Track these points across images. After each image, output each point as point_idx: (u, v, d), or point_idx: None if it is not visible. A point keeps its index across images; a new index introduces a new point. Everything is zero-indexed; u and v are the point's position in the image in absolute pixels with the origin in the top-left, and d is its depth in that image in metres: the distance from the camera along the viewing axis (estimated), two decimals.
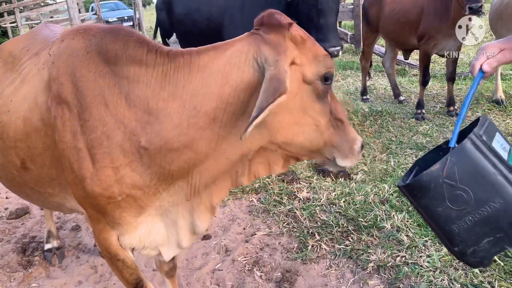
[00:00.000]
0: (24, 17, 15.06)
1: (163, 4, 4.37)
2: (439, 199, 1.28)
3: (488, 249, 1.28)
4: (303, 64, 1.42)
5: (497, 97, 5.10)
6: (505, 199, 1.22)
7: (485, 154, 1.24)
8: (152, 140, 1.46)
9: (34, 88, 1.69)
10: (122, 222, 1.61)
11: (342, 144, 1.51)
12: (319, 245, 2.79)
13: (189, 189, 1.60)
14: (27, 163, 1.74)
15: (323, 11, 3.04)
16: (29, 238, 3.29)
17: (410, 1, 5.06)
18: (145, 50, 1.52)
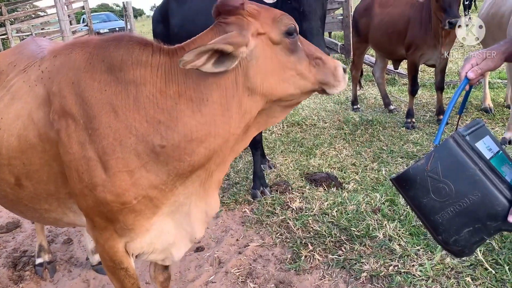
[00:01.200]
0: (15, 29, 15.02)
1: (160, 16, 4.33)
2: (424, 191, 1.40)
3: (468, 239, 1.39)
4: (267, 30, 1.56)
5: (485, 106, 5.18)
6: (482, 192, 1.33)
7: (465, 151, 1.35)
8: (169, 137, 1.51)
9: (27, 105, 1.70)
10: (135, 226, 1.63)
11: (327, 76, 1.64)
12: (312, 255, 2.80)
13: (205, 175, 1.67)
14: (22, 180, 1.74)
15: (306, 15, 2.84)
16: (20, 252, 3.25)
17: (397, 12, 5.15)
18: (150, 51, 1.58)
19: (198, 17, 3.76)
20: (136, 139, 1.52)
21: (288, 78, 1.59)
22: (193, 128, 1.52)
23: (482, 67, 1.53)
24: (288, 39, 1.57)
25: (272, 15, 1.59)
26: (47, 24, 17.25)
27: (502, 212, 1.31)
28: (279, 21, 1.57)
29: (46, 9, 16.85)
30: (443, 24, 4.21)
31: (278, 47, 1.57)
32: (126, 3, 15.13)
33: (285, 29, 1.56)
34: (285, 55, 1.58)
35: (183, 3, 4.06)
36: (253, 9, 1.56)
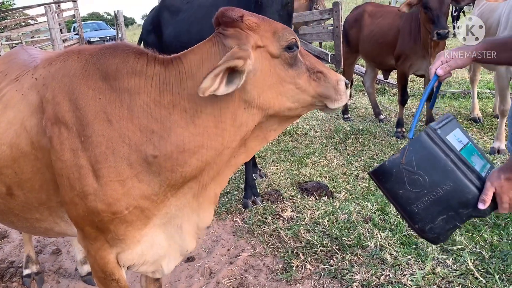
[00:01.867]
0: (5, 37, 14.92)
1: (151, 26, 4.31)
2: (400, 183, 1.47)
3: (443, 226, 1.47)
4: (266, 44, 1.54)
5: (474, 116, 5.24)
6: (454, 182, 1.41)
7: (437, 144, 1.43)
8: (162, 147, 1.50)
9: (20, 113, 1.69)
10: (126, 237, 1.61)
11: (328, 90, 1.62)
12: (304, 265, 2.79)
13: (198, 186, 1.65)
14: (13, 189, 1.72)
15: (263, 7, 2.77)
16: (7, 263, 3.20)
17: (387, 22, 5.21)
18: (145, 60, 1.58)
19: (192, 27, 3.76)
20: (129, 148, 1.51)
21: (286, 92, 1.58)
22: (186, 139, 1.51)
23: (451, 65, 1.63)
24: (288, 53, 1.56)
25: (272, 28, 1.58)
26: (37, 33, 17.17)
27: (473, 200, 1.40)
28: (280, 36, 1.56)
29: (36, 17, 16.77)
30: (432, 35, 4.27)
31: (277, 60, 1.56)
32: (117, 12, 15.13)
33: (286, 44, 1.55)
34: (283, 69, 1.57)
35: (177, 14, 4.05)
36: (252, 21, 1.55)
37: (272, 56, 1.56)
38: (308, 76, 1.60)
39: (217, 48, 1.55)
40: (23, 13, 19.03)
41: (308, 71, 1.60)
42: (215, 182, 1.69)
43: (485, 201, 1.38)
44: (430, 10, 4.27)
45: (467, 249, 2.69)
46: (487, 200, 1.38)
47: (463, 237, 2.80)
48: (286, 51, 1.55)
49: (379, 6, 5.90)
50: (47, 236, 2.05)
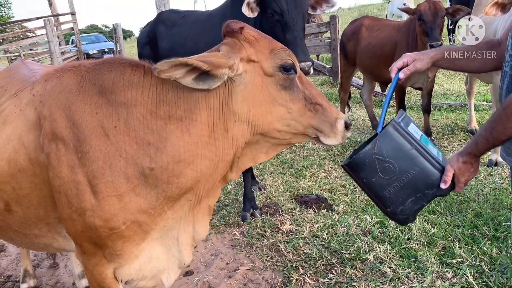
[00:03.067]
0: (3, 50, 14.97)
1: (147, 38, 4.36)
2: (373, 172, 1.63)
3: (412, 207, 1.65)
4: (260, 60, 1.56)
5: (471, 128, 5.26)
6: (420, 167, 1.60)
7: (403, 135, 1.61)
8: (158, 158, 1.51)
9: (18, 129, 1.69)
10: (124, 252, 1.61)
11: (323, 124, 1.63)
12: (303, 279, 2.78)
13: (195, 199, 1.66)
14: (11, 205, 1.72)
15: (289, 26, 2.91)
16: (4, 277, 3.18)
17: (385, 35, 5.26)
18: (142, 72, 1.59)
19: (187, 41, 3.79)
20: (126, 162, 1.51)
21: (277, 113, 1.58)
22: (181, 149, 1.52)
23: (411, 68, 1.74)
24: (283, 74, 1.57)
25: (271, 46, 1.59)
26: (36, 45, 17.24)
27: (437, 181, 1.60)
28: (276, 54, 1.57)
29: (35, 30, 16.86)
30: (426, 47, 4.32)
31: (270, 79, 1.57)
32: (116, 24, 15.21)
33: (280, 63, 1.56)
34: (276, 89, 1.57)
35: (172, 27, 4.09)
36: (251, 35, 1.58)
37: (265, 73, 1.57)
38: (303, 104, 1.60)
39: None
40: (22, 26, 19.12)
41: (305, 99, 1.61)
42: (209, 196, 1.72)
43: (446, 181, 1.58)
44: (424, 22, 4.34)
45: (466, 262, 2.68)
46: (448, 181, 1.58)
47: (462, 250, 2.80)
48: (280, 71, 1.57)
49: (376, 19, 5.95)
50: (47, 251, 2.04)
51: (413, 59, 1.76)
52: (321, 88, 9.49)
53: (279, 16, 2.91)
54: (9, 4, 24.15)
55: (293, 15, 2.90)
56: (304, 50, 2.90)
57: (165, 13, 4.42)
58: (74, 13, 16.20)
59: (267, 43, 1.60)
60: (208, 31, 3.65)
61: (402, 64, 1.76)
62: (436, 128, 5.61)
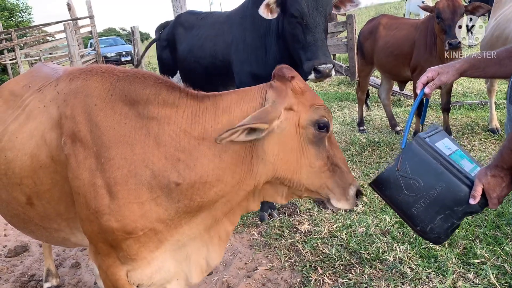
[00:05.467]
0: (24, 54, 15.29)
1: (166, 41, 4.39)
2: (398, 189, 1.59)
3: (442, 225, 1.58)
4: (300, 111, 1.60)
5: (492, 127, 5.17)
6: (446, 182, 1.53)
7: (426, 150, 1.56)
8: (186, 175, 1.55)
9: (41, 125, 1.72)
10: (138, 257, 1.64)
11: (336, 187, 1.66)
12: (322, 279, 2.77)
13: (211, 220, 1.69)
14: (33, 199, 1.76)
15: (310, 27, 2.87)
16: (28, 276, 3.24)
17: (402, 34, 5.20)
18: (177, 94, 1.63)
19: (206, 43, 3.81)
20: (152, 173, 1.55)
21: (300, 164, 1.62)
22: (210, 171, 1.56)
23: (436, 83, 1.69)
24: (314, 130, 1.60)
25: (313, 101, 1.63)
26: (55, 49, 17.54)
27: (465, 197, 1.51)
28: (315, 109, 1.61)
29: (54, 34, 17.19)
30: (444, 46, 4.27)
31: (303, 131, 1.61)
32: (133, 27, 15.39)
33: (317, 119, 1.60)
34: (305, 142, 1.61)
35: (191, 29, 4.12)
36: (299, 86, 1.62)
37: (300, 124, 1.60)
38: (324, 163, 1.63)
39: (260, 93, 1.62)
40: (42, 30, 19.50)
41: (327, 158, 1.64)
42: (227, 220, 1.74)
43: (475, 196, 1.49)
44: (443, 20, 4.28)
45: (488, 262, 2.64)
46: (477, 196, 1.48)
47: (484, 250, 2.76)
48: (313, 127, 1.60)
49: (394, 18, 5.90)
50: (64, 246, 2.09)
51: (437, 73, 1.70)
52: (338, 87, 9.43)
53: (300, 18, 2.89)
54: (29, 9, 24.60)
55: (314, 16, 2.88)
56: (325, 52, 2.87)
57: (184, 15, 4.46)
58: (92, 17, 16.45)
59: (311, 97, 1.64)
60: (227, 33, 3.67)
61: (427, 79, 1.71)
62: (456, 127, 5.53)
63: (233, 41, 3.59)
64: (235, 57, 3.53)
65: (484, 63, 1.69)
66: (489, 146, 4.75)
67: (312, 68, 2.80)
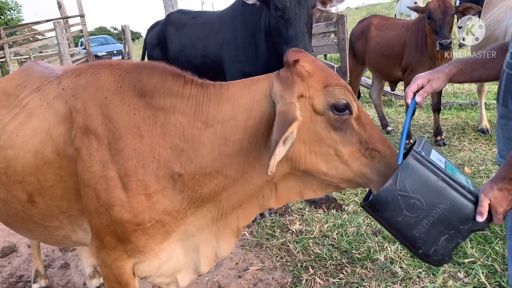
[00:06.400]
0: (13, 52, 15.11)
1: (156, 40, 4.37)
2: (398, 210, 1.43)
3: (446, 246, 1.44)
4: (311, 96, 1.45)
5: (482, 127, 5.21)
6: (450, 199, 1.40)
7: (426, 165, 1.41)
8: (187, 166, 1.54)
9: (45, 122, 1.71)
10: (145, 249, 1.63)
11: (376, 175, 1.48)
12: (313, 279, 2.77)
13: (217, 212, 1.65)
14: (35, 196, 1.74)
15: (291, 21, 2.87)
16: (16, 277, 3.20)
17: (394, 35, 5.23)
18: (182, 82, 1.61)
19: (197, 42, 3.80)
20: (158, 164, 1.54)
21: (322, 154, 1.47)
22: (209, 163, 1.53)
23: (427, 90, 1.58)
24: (334, 114, 1.43)
25: (325, 81, 1.46)
26: (46, 47, 17.37)
27: (470, 214, 1.39)
28: (329, 92, 1.44)
29: (44, 32, 17.00)
30: (435, 46, 4.30)
31: (320, 117, 1.45)
32: (125, 26, 15.29)
33: (332, 102, 1.43)
34: (325, 129, 1.45)
35: (181, 29, 4.10)
36: (304, 69, 1.46)
37: (314, 111, 1.45)
38: (357, 149, 1.45)
39: (266, 84, 1.53)
40: (32, 29, 19.31)
41: (360, 143, 1.46)
42: (237, 214, 1.68)
43: (482, 213, 1.37)
44: (433, 21, 4.32)
45: (478, 262, 2.65)
46: (484, 212, 1.37)
47: (474, 250, 2.77)
48: (331, 111, 1.44)
49: (385, 18, 5.93)
50: (62, 245, 2.06)
51: (427, 79, 1.60)
52: None
53: (282, 12, 2.92)
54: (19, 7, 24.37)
55: (296, 10, 2.90)
56: (306, 45, 2.86)
57: (174, 14, 4.44)
58: (83, 16, 16.31)
59: (322, 78, 1.47)
60: (218, 32, 3.66)
61: (417, 87, 1.59)
62: (447, 127, 5.56)
63: (224, 40, 3.58)
64: (226, 56, 3.52)
65: (471, 66, 1.63)
66: (479, 146, 4.78)
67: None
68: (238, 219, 1.70)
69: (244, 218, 1.71)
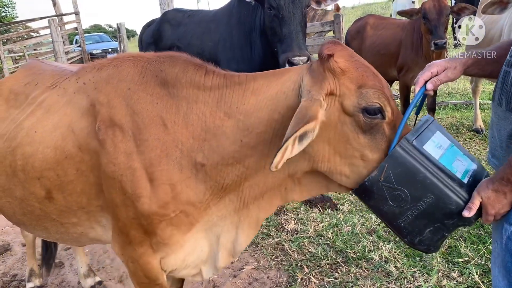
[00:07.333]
0: (7, 50, 15.00)
1: (152, 38, 4.36)
2: (383, 200, 1.42)
3: (431, 238, 1.44)
4: (343, 94, 1.38)
5: (476, 127, 5.24)
6: (435, 194, 1.37)
7: (414, 157, 1.37)
8: (210, 156, 1.53)
9: (66, 117, 1.72)
10: (171, 241, 1.63)
11: None
12: (308, 278, 2.77)
13: (239, 202, 1.64)
14: (53, 192, 1.73)
15: (285, 20, 2.87)
16: (9, 276, 3.19)
17: (389, 34, 5.24)
18: (204, 72, 1.61)
19: (193, 40, 3.79)
20: (181, 153, 1.55)
21: (346, 156, 1.41)
22: (230, 154, 1.52)
23: (442, 79, 1.49)
24: (364, 117, 1.36)
25: (360, 81, 1.38)
26: (40, 45, 17.26)
27: (456, 210, 1.37)
28: (362, 94, 1.36)
29: (39, 30, 16.91)
30: (430, 45, 4.31)
31: (349, 118, 1.38)
32: (120, 24, 15.23)
33: (364, 105, 1.35)
34: (353, 131, 1.38)
35: (177, 26, 4.09)
36: (338, 66, 1.38)
37: (344, 110, 1.38)
38: (385, 155, 1.38)
39: (296, 76, 1.47)
40: (26, 26, 19.17)
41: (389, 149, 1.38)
42: (259, 205, 1.65)
43: (471, 208, 1.33)
44: (429, 21, 4.32)
45: (472, 261, 2.67)
46: (473, 208, 1.33)
47: (468, 249, 2.79)
48: (361, 113, 1.36)
49: (381, 18, 5.94)
50: (78, 243, 2.05)
51: (444, 68, 1.49)
52: None
53: (276, 10, 2.92)
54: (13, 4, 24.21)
55: (290, 9, 2.91)
56: (299, 44, 2.88)
57: (170, 12, 4.43)
58: (78, 13, 16.23)
59: (356, 77, 1.38)
60: (213, 31, 3.66)
61: (431, 75, 1.49)
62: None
63: (219, 39, 3.57)
64: (222, 55, 3.52)
65: (484, 60, 1.54)
66: (473, 146, 4.80)
67: (286, 60, 2.82)
68: (259, 209, 1.66)
69: (265, 210, 1.67)
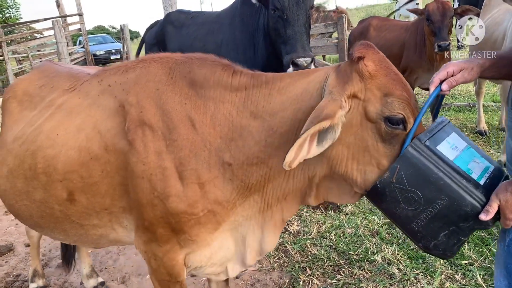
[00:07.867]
0: (11, 51, 15.07)
1: (155, 40, 4.37)
2: (395, 202, 1.38)
3: (447, 242, 1.38)
4: (367, 100, 1.36)
5: (480, 129, 5.22)
6: (449, 195, 1.32)
7: (427, 157, 1.33)
8: (236, 156, 1.55)
9: (91, 118, 1.73)
10: (198, 239, 1.64)
11: None
12: (311, 280, 2.77)
13: (263, 203, 1.65)
14: (75, 194, 1.74)
15: (289, 21, 2.88)
16: (13, 276, 3.20)
17: (393, 36, 5.24)
18: (231, 72, 1.63)
19: (196, 42, 3.80)
20: (209, 153, 1.56)
21: (363, 162, 1.40)
22: (255, 154, 1.54)
23: (458, 80, 1.45)
24: (386, 126, 1.34)
25: (387, 89, 1.35)
26: (43, 46, 17.33)
27: (472, 212, 1.31)
28: (387, 103, 1.34)
29: (42, 31, 16.97)
30: (433, 47, 4.31)
31: (370, 124, 1.37)
32: (123, 25, 15.27)
33: (388, 114, 1.33)
34: (373, 138, 1.37)
35: (181, 28, 4.10)
36: (366, 69, 1.36)
37: (366, 116, 1.37)
38: None
39: (322, 76, 1.46)
40: (30, 27, 19.26)
41: None
42: (282, 207, 1.66)
43: (488, 212, 1.28)
44: (432, 22, 4.33)
45: (476, 263, 2.66)
46: (491, 212, 1.28)
47: (471, 251, 2.78)
48: (384, 122, 1.34)
49: (384, 19, 5.94)
50: (96, 245, 2.05)
51: (460, 68, 1.45)
52: None
53: (280, 12, 2.93)
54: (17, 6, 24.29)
55: (294, 10, 2.91)
56: (304, 45, 2.89)
57: (174, 13, 4.43)
58: (81, 14, 16.29)
59: (384, 84, 1.35)
60: (216, 32, 3.66)
61: (446, 75, 1.45)
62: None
63: (223, 40, 3.58)
64: (225, 57, 3.52)
65: (501, 62, 1.50)
66: None
67: (290, 61, 2.83)
68: (282, 211, 1.67)
69: (288, 210, 1.68)
